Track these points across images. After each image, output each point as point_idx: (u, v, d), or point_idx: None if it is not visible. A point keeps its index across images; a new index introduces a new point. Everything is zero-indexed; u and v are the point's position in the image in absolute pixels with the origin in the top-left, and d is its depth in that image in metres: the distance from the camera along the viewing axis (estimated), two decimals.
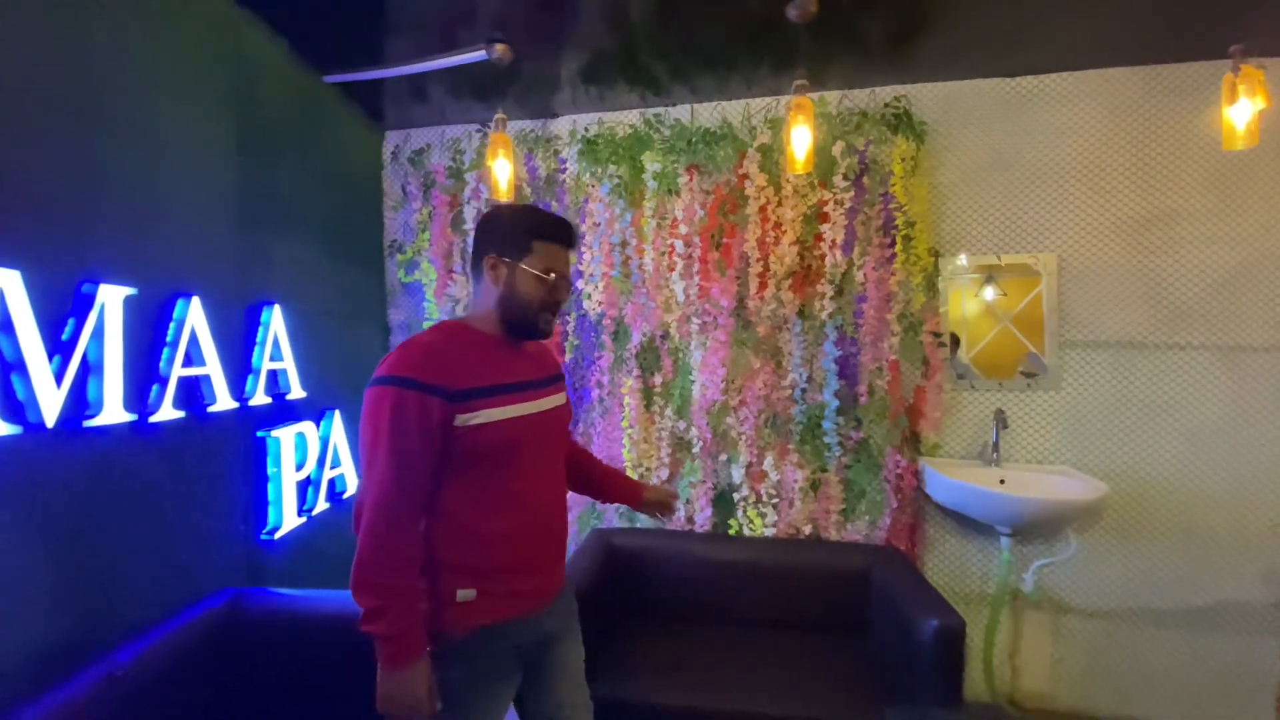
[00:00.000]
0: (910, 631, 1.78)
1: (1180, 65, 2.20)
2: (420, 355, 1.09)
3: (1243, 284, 2.19)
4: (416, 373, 1.06)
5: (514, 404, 1.14)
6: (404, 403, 1.04)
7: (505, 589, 1.13)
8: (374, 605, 1.03)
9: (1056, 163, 2.30)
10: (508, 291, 1.17)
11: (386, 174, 2.78)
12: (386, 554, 1.04)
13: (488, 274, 1.18)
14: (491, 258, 1.18)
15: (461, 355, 1.12)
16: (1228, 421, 2.20)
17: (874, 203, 2.31)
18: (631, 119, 2.57)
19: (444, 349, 1.12)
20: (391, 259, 2.79)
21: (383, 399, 1.05)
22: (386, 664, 1.04)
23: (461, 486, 1.10)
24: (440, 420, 1.05)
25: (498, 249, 1.18)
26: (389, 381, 1.06)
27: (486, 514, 1.11)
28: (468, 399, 1.08)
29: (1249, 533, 2.19)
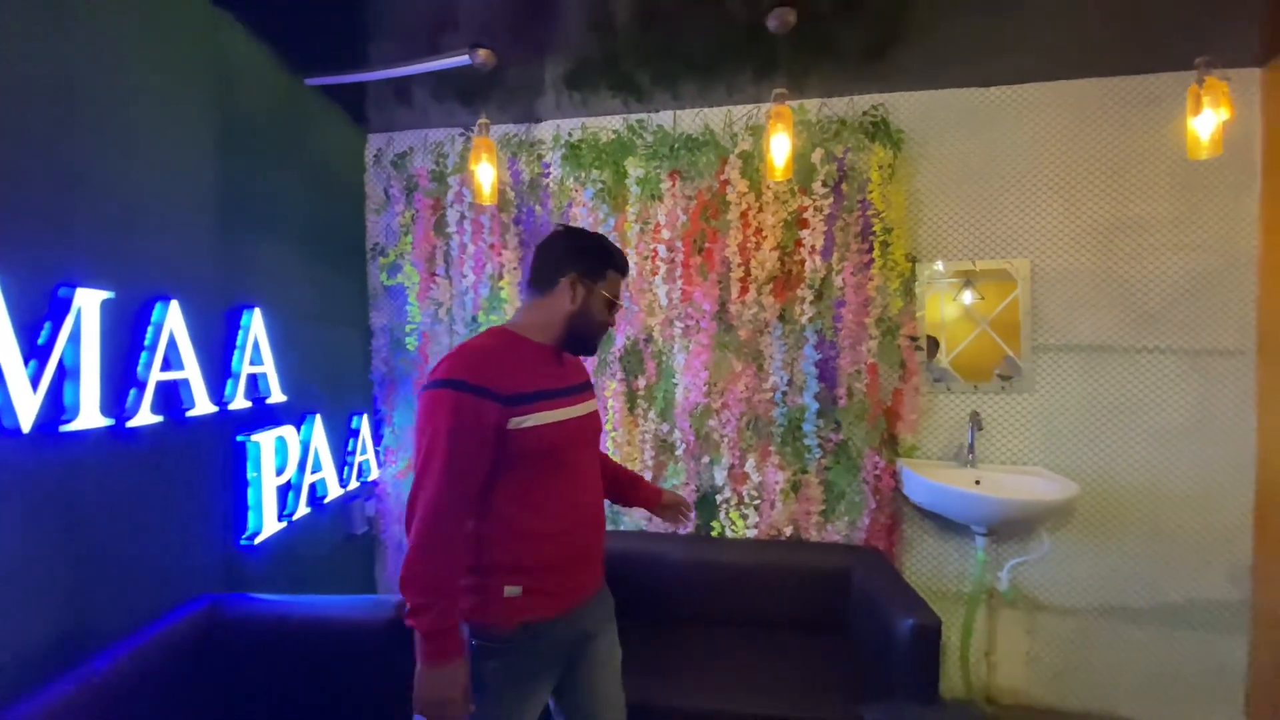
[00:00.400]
0: (888, 630, 1.82)
1: (1147, 76, 2.27)
2: (476, 360, 1.13)
3: (1208, 289, 2.26)
4: (473, 376, 1.10)
5: (559, 408, 1.19)
6: (461, 405, 1.08)
7: (550, 586, 1.18)
8: (420, 602, 1.06)
9: (1029, 171, 2.36)
10: (583, 309, 1.24)
11: (369, 177, 2.78)
12: (436, 553, 1.07)
13: (565, 291, 1.23)
14: (573, 276, 1.23)
15: (513, 361, 1.17)
16: (1194, 423, 2.27)
17: (852, 209, 2.35)
18: (615, 124, 2.59)
19: (498, 355, 1.16)
20: (373, 262, 2.78)
21: (440, 401, 1.08)
22: (426, 660, 1.07)
23: (510, 487, 1.14)
24: (495, 423, 1.10)
25: (582, 270, 1.24)
26: (446, 385, 1.09)
27: (534, 514, 1.16)
28: (520, 403, 1.12)
29: (1216, 531, 2.26)
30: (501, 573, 1.15)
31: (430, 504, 1.06)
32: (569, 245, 1.27)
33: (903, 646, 1.75)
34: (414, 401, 2.71)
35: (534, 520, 1.15)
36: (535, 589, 1.16)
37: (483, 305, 2.64)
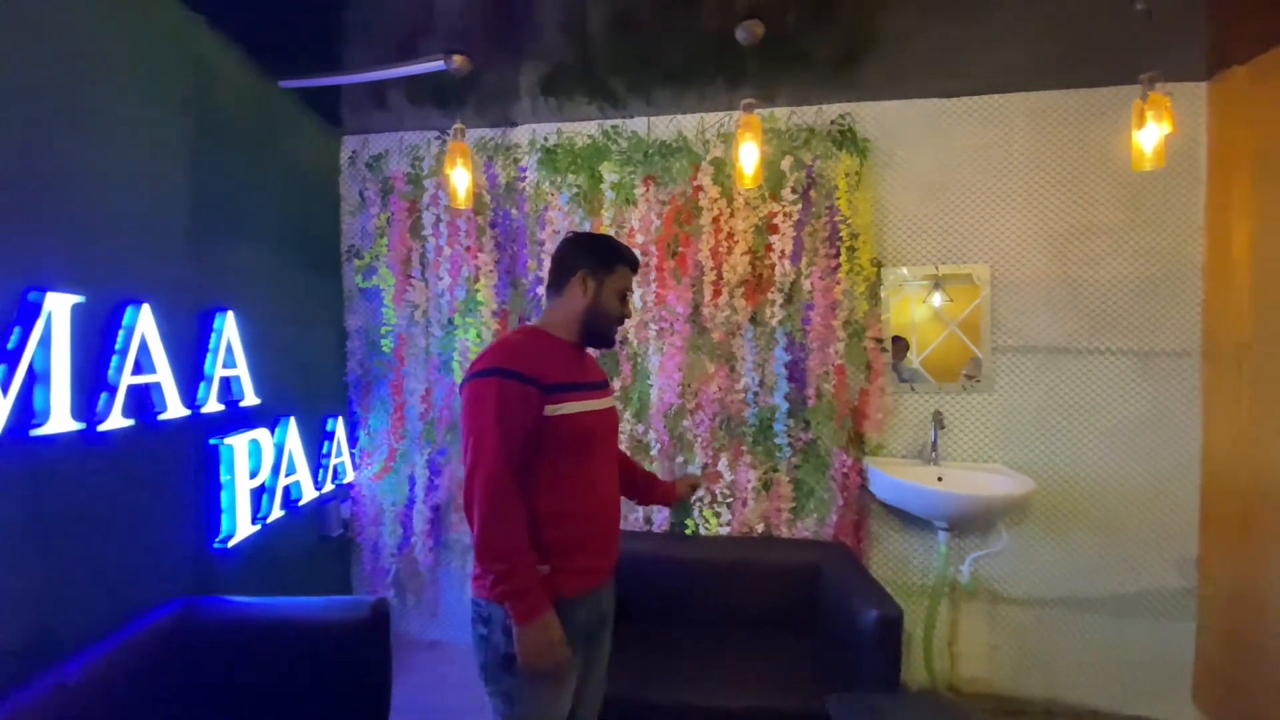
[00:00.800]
0: (854, 622, 1.88)
1: (1100, 90, 2.37)
2: (517, 351, 1.24)
3: (1157, 294, 2.37)
4: (516, 365, 1.20)
5: (588, 400, 1.30)
6: (508, 391, 1.18)
7: (576, 565, 1.27)
8: (502, 568, 1.15)
9: (989, 179, 2.45)
10: (594, 303, 1.33)
11: (344, 179, 2.78)
12: (505, 520, 1.16)
13: (576, 287, 1.33)
14: (583, 273, 1.33)
15: (546, 354, 1.27)
16: (1144, 421, 2.38)
17: (820, 215, 2.42)
18: (590, 130, 2.63)
19: (533, 348, 1.27)
20: (349, 264, 2.78)
21: (489, 388, 1.18)
22: (522, 619, 1.15)
23: (541, 472, 1.23)
24: (536, 408, 1.20)
25: (590, 267, 1.33)
26: (494, 373, 1.19)
27: (564, 496, 1.25)
28: (556, 391, 1.23)
29: (1164, 524, 2.37)
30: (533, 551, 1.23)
31: (490, 478, 1.15)
32: (577, 245, 1.37)
33: (867, 637, 1.82)
34: (389, 403, 2.72)
35: (562, 503, 1.24)
36: (563, 568, 1.24)
37: (459, 307, 2.66)
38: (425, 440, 2.70)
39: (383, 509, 2.73)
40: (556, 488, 1.24)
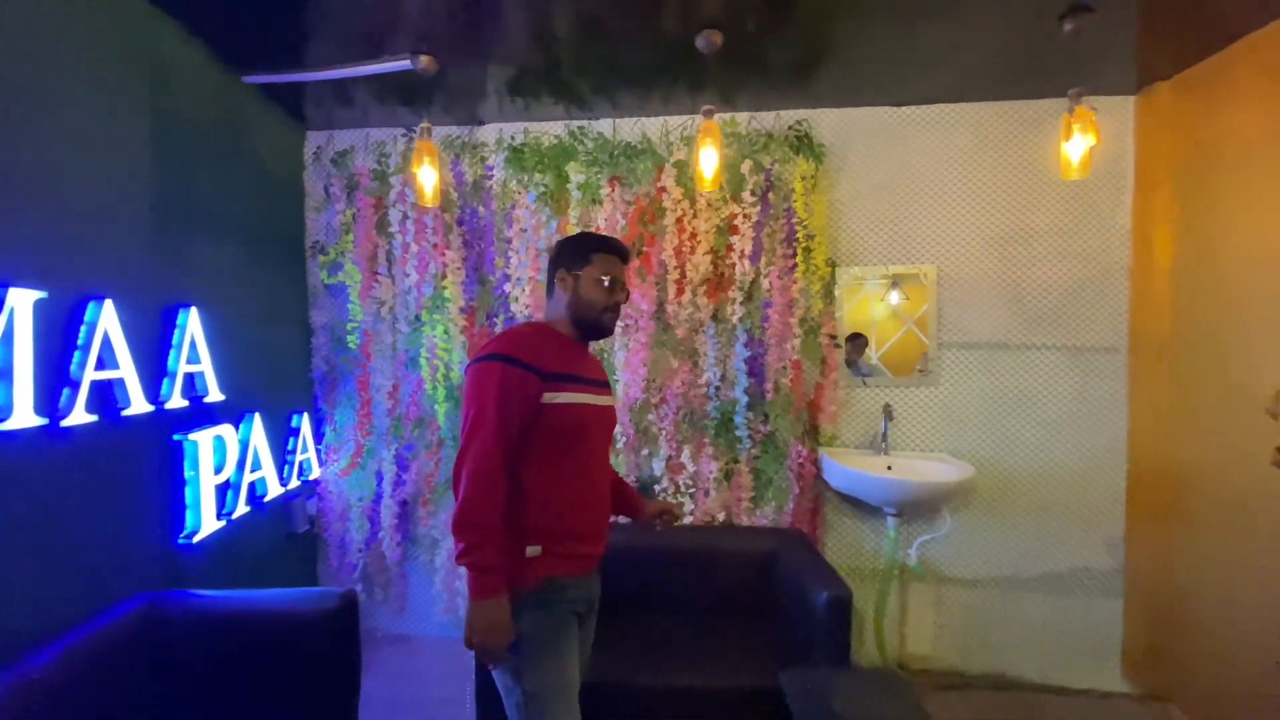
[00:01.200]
0: (807, 604, 1.99)
1: (1035, 102, 2.52)
2: (521, 341, 1.31)
3: (1087, 294, 2.55)
4: (518, 353, 1.28)
5: (586, 393, 1.36)
6: (508, 375, 1.25)
7: (568, 550, 1.33)
8: (472, 541, 1.21)
9: (935, 184, 2.59)
10: (575, 297, 1.39)
11: (308, 174, 2.77)
12: (485, 498, 1.22)
13: (559, 286, 1.41)
14: (561, 272, 1.41)
15: (549, 346, 1.34)
16: (1075, 412, 2.55)
17: (778, 217, 2.52)
18: (556, 130, 2.68)
19: (537, 338, 1.34)
20: (313, 260, 2.78)
21: (491, 371, 1.26)
22: (477, 594, 1.21)
23: (537, 458, 1.29)
24: (534, 394, 1.27)
25: (565, 264, 1.41)
26: (497, 358, 1.27)
27: (558, 482, 1.31)
28: (555, 380, 1.29)
29: (1094, 507, 2.55)
30: (524, 534, 1.29)
31: (481, 455, 1.22)
32: (555, 248, 1.46)
33: (819, 617, 1.92)
34: (355, 399, 2.73)
35: (556, 489, 1.31)
36: (554, 550, 1.31)
37: (426, 304, 2.68)
38: (393, 436, 2.72)
39: (349, 504, 2.74)
40: (551, 474, 1.31)
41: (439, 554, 2.74)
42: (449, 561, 2.72)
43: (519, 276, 2.62)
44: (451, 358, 2.67)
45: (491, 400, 1.24)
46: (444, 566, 2.73)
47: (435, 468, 2.72)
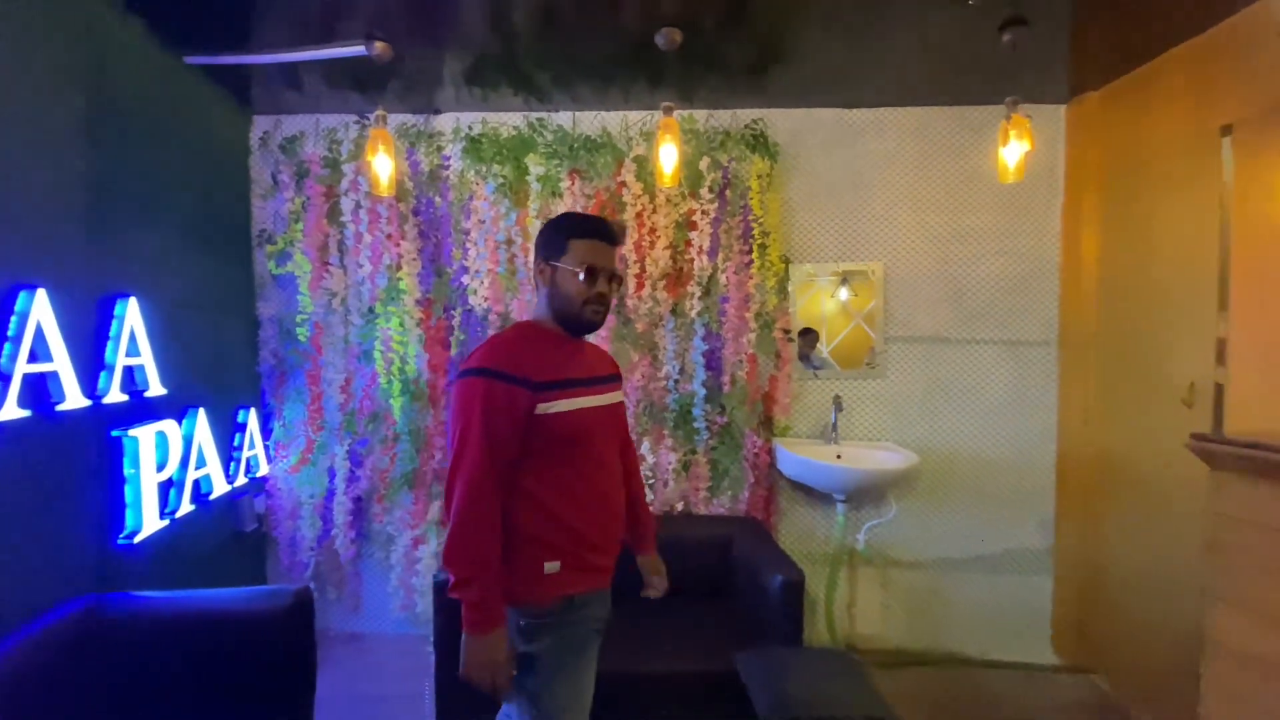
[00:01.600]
0: (762, 588, 2.06)
1: (975, 108, 2.65)
2: (506, 350, 1.22)
3: (1021, 290, 2.70)
4: (504, 365, 1.18)
5: (583, 396, 1.26)
6: (493, 391, 1.16)
7: (585, 564, 1.26)
8: (465, 574, 1.14)
9: (883, 185, 2.69)
10: (553, 290, 1.28)
11: (254, 160, 2.67)
12: (477, 527, 1.15)
13: (538, 278, 1.30)
14: (539, 263, 1.29)
15: (539, 351, 1.24)
16: (1010, 402, 2.71)
17: (735, 214, 2.58)
18: (515, 121, 2.66)
19: (525, 345, 1.24)
20: (260, 249, 2.68)
21: (474, 388, 1.17)
22: (472, 629, 1.14)
23: (540, 470, 1.22)
24: (525, 408, 1.18)
25: (542, 254, 1.29)
26: (480, 373, 1.18)
27: (566, 493, 1.24)
28: (547, 389, 1.20)
29: (1027, 490, 2.71)
30: (540, 549, 1.22)
31: (469, 482, 1.15)
32: (544, 235, 1.31)
33: (773, 600, 2.00)
34: (305, 393, 2.66)
35: (564, 501, 1.23)
36: (572, 565, 1.24)
37: (380, 296, 2.63)
38: (345, 431, 2.66)
39: (300, 502, 2.67)
40: (554, 487, 1.23)
41: (394, 550, 2.70)
42: (405, 558, 2.68)
43: (477, 269, 2.59)
44: (407, 351, 2.63)
45: (477, 421, 1.15)
46: (400, 563, 2.69)
47: (391, 463, 2.67)
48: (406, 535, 2.68)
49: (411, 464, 2.67)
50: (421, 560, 2.65)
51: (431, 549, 2.65)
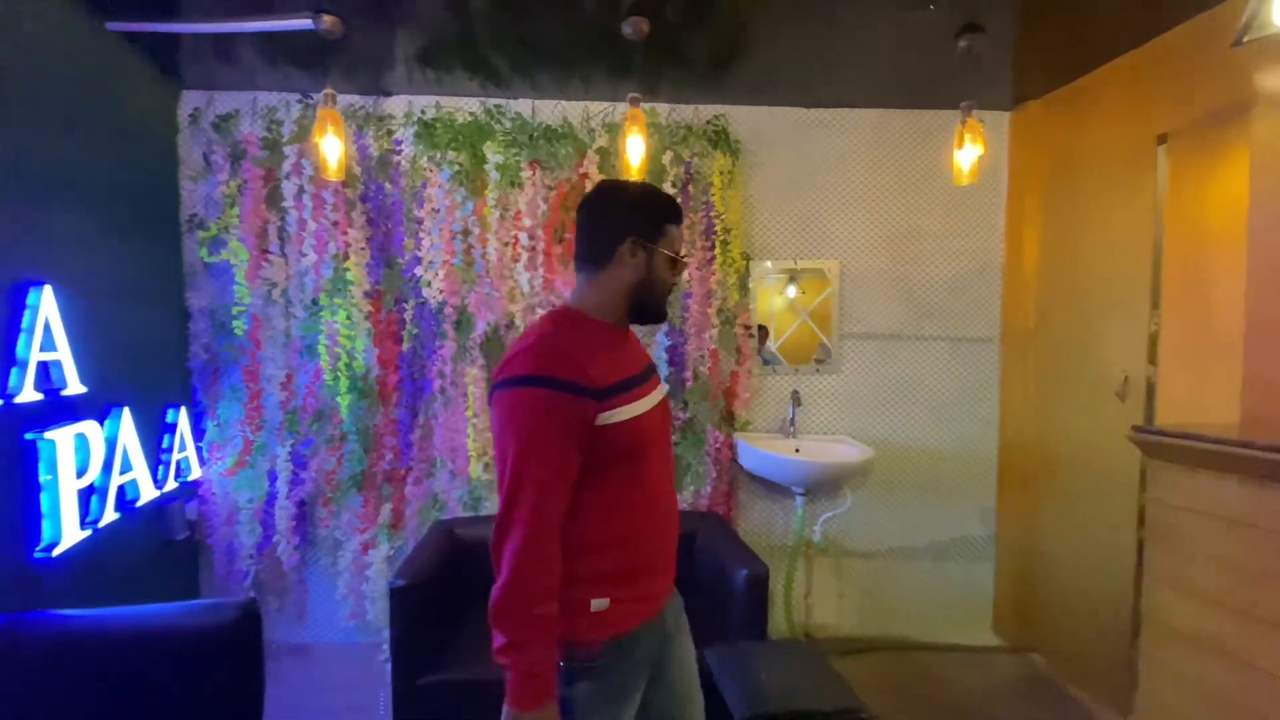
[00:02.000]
0: (726, 582, 2.07)
1: (926, 112, 2.74)
2: (562, 351, 1.00)
3: (968, 289, 2.81)
4: (565, 371, 0.96)
5: (640, 398, 1.07)
6: (554, 405, 0.95)
7: (638, 593, 1.08)
8: (517, 637, 0.94)
9: (840, 184, 2.75)
10: (647, 276, 1.08)
11: (184, 139, 2.47)
12: (537, 580, 0.95)
13: (626, 258, 1.07)
14: (631, 241, 1.07)
15: (594, 348, 1.04)
16: (956, 396, 2.82)
17: (697, 210, 2.57)
18: (472, 106, 2.56)
19: (579, 343, 1.03)
20: (190, 235, 2.48)
21: (532, 402, 0.96)
22: (521, 703, 0.95)
23: (592, 491, 1.02)
24: (590, 420, 0.98)
25: (637, 232, 1.08)
26: (535, 382, 0.96)
27: (621, 516, 1.05)
28: (610, 396, 1.00)
29: (971, 481, 2.84)
30: (587, 585, 1.03)
31: (531, 523, 0.94)
32: (618, 205, 1.11)
33: (738, 594, 2.01)
34: (242, 391, 2.48)
35: (618, 525, 1.05)
36: (623, 598, 1.06)
37: (325, 287, 2.49)
38: (287, 431, 2.51)
39: (237, 507, 2.50)
40: (609, 508, 1.04)
41: (342, 556, 2.56)
42: (353, 564, 2.55)
43: (431, 260, 2.48)
44: (355, 345, 2.50)
45: (538, 444, 0.95)
46: (348, 569, 2.56)
47: (337, 464, 2.53)
48: (355, 540, 2.55)
49: (360, 465, 2.54)
50: (372, 565, 2.53)
51: (383, 553, 2.54)
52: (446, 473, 2.57)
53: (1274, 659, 1.31)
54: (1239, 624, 1.39)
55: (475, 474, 2.53)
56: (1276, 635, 1.31)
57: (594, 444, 0.99)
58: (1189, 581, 1.53)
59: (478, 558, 2.30)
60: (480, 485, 2.57)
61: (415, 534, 2.55)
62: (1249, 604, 1.37)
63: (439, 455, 2.57)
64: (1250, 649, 1.36)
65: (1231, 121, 1.80)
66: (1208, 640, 1.46)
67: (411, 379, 2.56)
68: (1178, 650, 1.54)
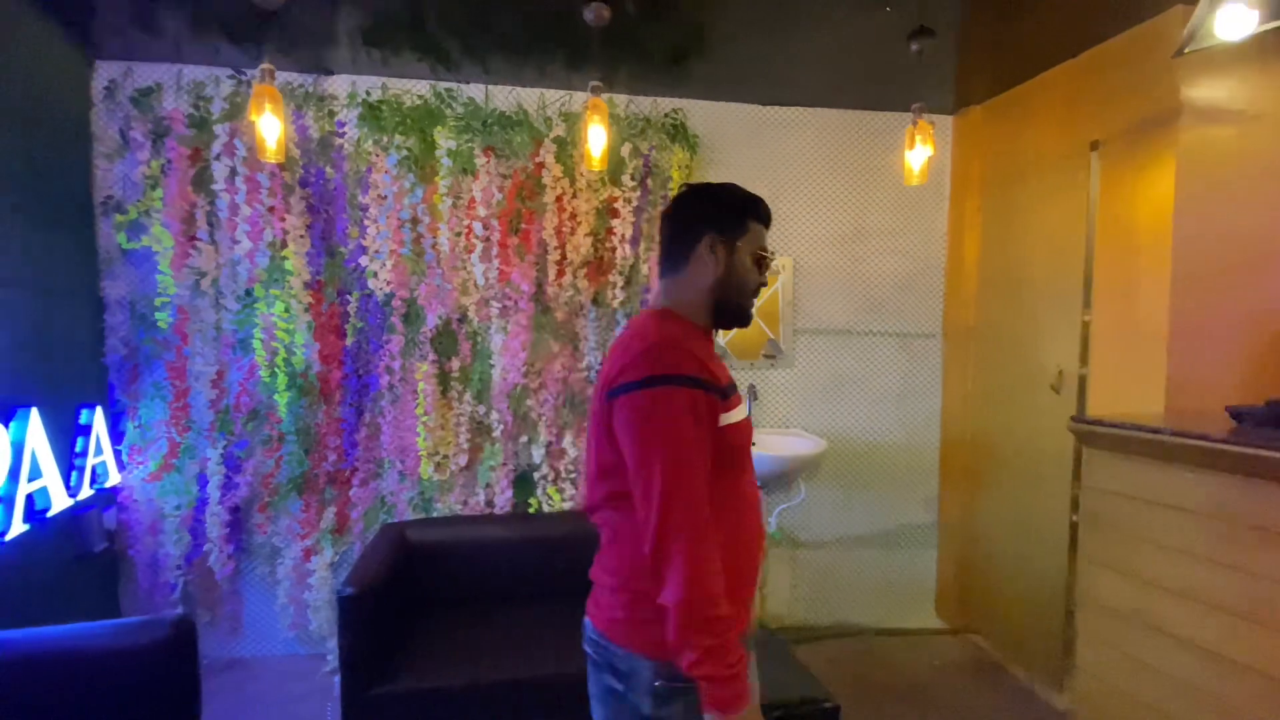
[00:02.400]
0: None
1: (880, 113, 2.81)
2: (686, 348, 0.96)
3: (912, 286, 2.91)
4: (695, 369, 0.94)
5: (740, 403, 1.05)
6: (696, 404, 0.92)
7: (743, 597, 1.04)
8: (714, 641, 0.88)
9: (794, 181, 2.79)
10: (727, 275, 1.05)
11: (98, 114, 2.25)
12: (713, 580, 0.90)
13: (705, 256, 1.05)
14: (713, 238, 1.04)
15: (705, 348, 1.03)
16: (901, 390, 2.92)
17: (656, 203, 2.55)
18: (421, 89, 2.45)
19: (692, 340, 1.00)
20: (106, 219, 2.27)
21: (674, 400, 0.92)
22: (730, 705, 0.89)
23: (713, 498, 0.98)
24: (716, 421, 0.96)
25: (719, 228, 1.05)
26: (674, 381, 0.92)
27: (728, 521, 1.01)
28: (727, 396, 0.99)
29: (915, 471, 2.95)
30: None
31: (694, 525, 0.91)
32: (698, 202, 1.11)
33: None
34: (166, 389, 2.30)
35: (724, 532, 1.00)
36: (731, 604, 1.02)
37: (260, 277, 2.33)
38: (219, 431, 2.33)
39: (162, 514, 2.31)
40: (721, 512, 1.00)
41: (282, 564, 2.41)
42: (294, 572, 2.41)
43: (378, 249, 2.36)
44: (294, 339, 2.35)
45: (685, 442, 0.92)
46: (288, 578, 2.41)
47: (275, 467, 2.38)
48: (296, 546, 2.40)
49: (300, 467, 2.40)
50: (315, 573, 2.39)
51: (327, 559, 2.40)
52: (395, 473, 2.46)
53: (1198, 631, 1.42)
54: (1167, 601, 1.49)
55: (427, 474, 2.43)
56: (1203, 611, 1.41)
57: (715, 445, 0.97)
58: (1122, 562, 1.63)
59: (432, 561, 2.24)
60: (432, 486, 2.47)
61: (362, 538, 2.43)
62: (1176, 582, 1.47)
63: (387, 455, 2.45)
64: (1178, 624, 1.46)
65: (1159, 130, 1.92)
66: (1139, 617, 1.56)
67: (356, 375, 2.43)
68: (1111, 627, 1.65)
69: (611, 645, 1.03)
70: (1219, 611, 1.37)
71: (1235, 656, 1.34)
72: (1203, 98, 1.87)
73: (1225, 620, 1.36)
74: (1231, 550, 1.36)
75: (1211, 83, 1.87)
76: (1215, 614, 1.38)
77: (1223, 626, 1.37)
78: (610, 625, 1.04)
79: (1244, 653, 1.33)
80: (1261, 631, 1.30)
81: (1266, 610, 1.29)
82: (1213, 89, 1.87)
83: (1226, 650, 1.36)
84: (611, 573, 1.03)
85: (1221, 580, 1.37)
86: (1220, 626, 1.37)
